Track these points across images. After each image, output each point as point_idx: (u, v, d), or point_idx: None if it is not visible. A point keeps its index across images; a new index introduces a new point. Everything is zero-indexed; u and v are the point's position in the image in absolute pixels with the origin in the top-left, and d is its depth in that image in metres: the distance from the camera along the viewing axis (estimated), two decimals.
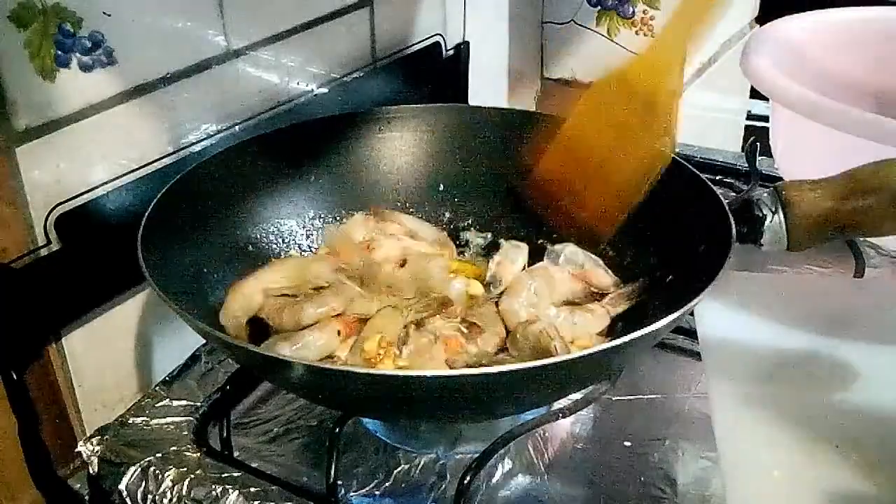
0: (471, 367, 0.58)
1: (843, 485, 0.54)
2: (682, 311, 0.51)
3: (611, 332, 0.64)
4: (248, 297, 0.63)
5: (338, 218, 0.74)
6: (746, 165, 0.93)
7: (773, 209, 0.58)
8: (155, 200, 0.60)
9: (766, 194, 0.59)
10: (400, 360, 0.59)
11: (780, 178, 0.87)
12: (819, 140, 0.74)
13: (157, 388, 0.65)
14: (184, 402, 0.63)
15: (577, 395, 0.57)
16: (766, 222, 0.58)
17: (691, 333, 0.67)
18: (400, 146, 0.76)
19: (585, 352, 0.51)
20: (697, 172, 0.65)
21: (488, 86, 1.04)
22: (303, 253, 0.72)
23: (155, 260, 0.55)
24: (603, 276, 0.68)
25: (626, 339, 0.50)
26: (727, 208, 0.59)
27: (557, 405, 0.58)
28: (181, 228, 0.62)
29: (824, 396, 0.60)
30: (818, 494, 0.53)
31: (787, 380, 0.62)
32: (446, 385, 0.49)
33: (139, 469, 0.57)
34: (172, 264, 0.58)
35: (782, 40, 0.83)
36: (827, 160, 0.72)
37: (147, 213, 0.59)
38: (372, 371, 0.54)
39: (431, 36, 0.94)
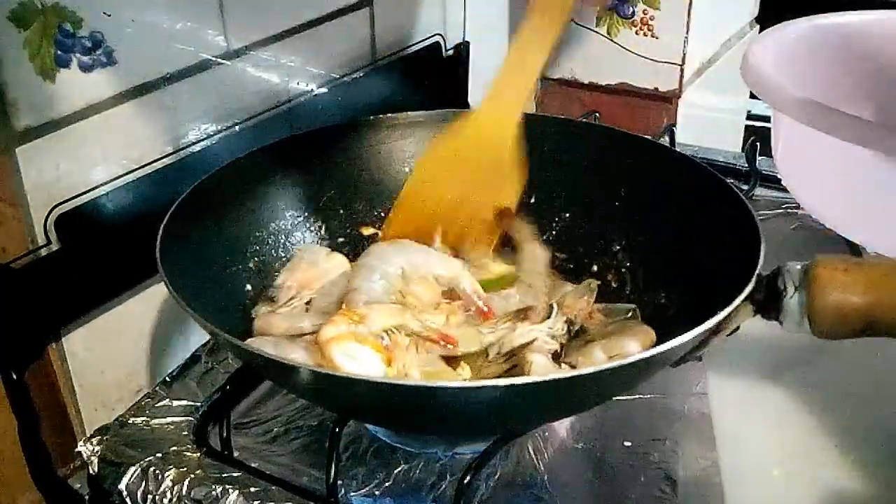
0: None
1: (843, 485, 0.54)
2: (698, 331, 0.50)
3: None
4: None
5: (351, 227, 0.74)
6: (746, 165, 0.93)
7: (797, 284, 0.52)
8: (174, 206, 0.60)
9: (797, 266, 0.54)
10: None
11: (780, 179, 0.87)
12: (819, 146, 0.74)
13: (157, 388, 0.65)
14: (184, 402, 0.63)
15: None
16: (785, 298, 0.53)
17: None
18: (410, 153, 0.76)
19: (600, 368, 0.51)
20: (752, 213, 0.60)
21: (488, 86, 1.04)
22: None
23: (172, 267, 0.55)
24: None
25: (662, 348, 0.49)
26: (758, 264, 0.55)
27: None
28: (198, 232, 0.62)
29: (824, 396, 0.61)
30: (818, 494, 0.53)
31: (787, 380, 0.62)
32: (464, 396, 0.48)
33: (139, 469, 0.57)
34: (189, 269, 0.59)
35: (782, 46, 0.83)
36: (827, 167, 0.72)
37: (164, 222, 0.58)
38: (383, 380, 0.53)
39: (431, 36, 0.94)
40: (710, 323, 0.50)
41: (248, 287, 0.67)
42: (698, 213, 0.65)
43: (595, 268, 0.71)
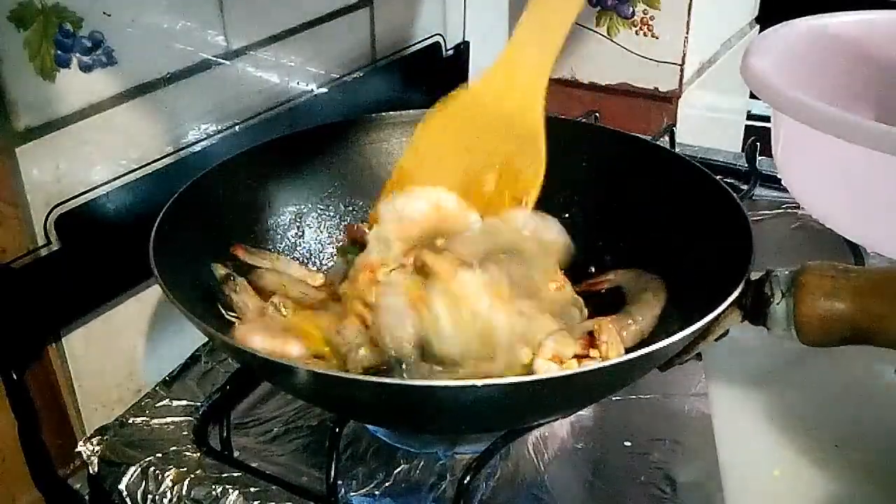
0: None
1: (843, 485, 0.54)
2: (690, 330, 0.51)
3: None
4: None
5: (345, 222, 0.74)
6: (746, 165, 0.93)
7: (784, 291, 0.52)
8: (167, 206, 0.60)
9: (786, 272, 0.53)
10: None
11: (780, 179, 0.87)
12: (819, 146, 0.74)
13: (157, 388, 0.65)
14: (184, 402, 0.63)
15: None
16: (772, 304, 0.52)
17: None
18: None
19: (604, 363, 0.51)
20: (739, 204, 0.61)
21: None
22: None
23: (166, 266, 0.55)
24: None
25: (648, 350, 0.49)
26: (749, 269, 0.54)
27: None
28: (191, 231, 0.62)
29: (824, 396, 0.60)
30: (818, 494, 0.53)
31: (787, 379, 0.62)
32: (464, 397, 0.48)
33: (139, 469, 0.57)
34: (182, 268, 0.58)
35: (782, 46, 0.83)
36: (827, 167, 0.72)
37: (158, 220, 0.58)
38: (383, 380, 0.53)
39: (431, 36, 0.94)
40: (693, 328, 0.50)
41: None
42: (693, 215, 0.65)
43: (592, 269, 0.71)
